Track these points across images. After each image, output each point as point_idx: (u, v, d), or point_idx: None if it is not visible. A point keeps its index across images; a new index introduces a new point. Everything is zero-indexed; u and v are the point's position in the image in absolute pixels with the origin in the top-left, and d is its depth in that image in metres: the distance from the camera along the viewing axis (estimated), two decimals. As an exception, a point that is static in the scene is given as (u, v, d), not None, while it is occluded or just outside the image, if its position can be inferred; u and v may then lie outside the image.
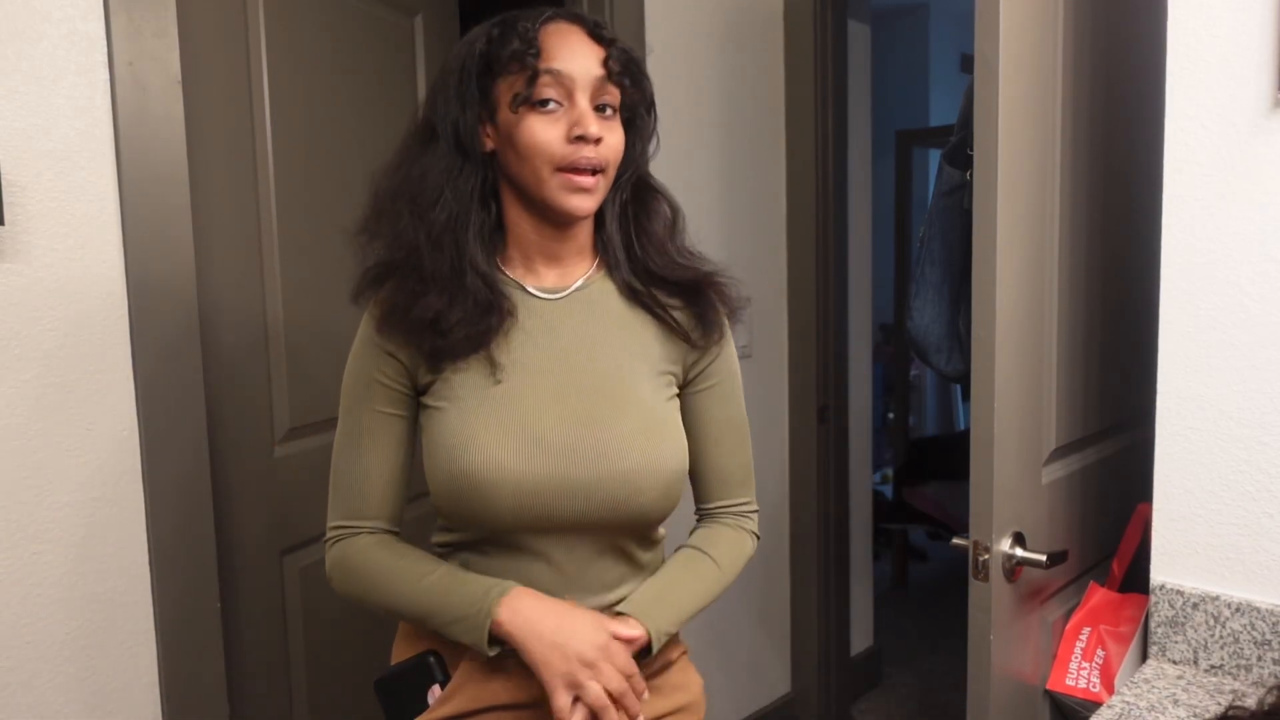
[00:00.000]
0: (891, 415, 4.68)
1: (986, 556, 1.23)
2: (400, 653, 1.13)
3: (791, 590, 2.69)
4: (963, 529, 1.28)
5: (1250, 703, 1.07)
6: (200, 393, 1.39)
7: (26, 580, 1.24)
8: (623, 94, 1.03)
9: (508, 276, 1.08)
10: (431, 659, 1.07)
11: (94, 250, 1.28)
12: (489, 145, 1.04)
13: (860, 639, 2.99)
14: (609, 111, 1.02)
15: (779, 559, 2.65)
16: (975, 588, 1.25)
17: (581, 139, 0.97)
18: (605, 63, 1.01)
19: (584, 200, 1.01)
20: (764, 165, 2.51)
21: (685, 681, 1.16)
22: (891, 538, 4.01)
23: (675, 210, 1.14)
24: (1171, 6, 1.15)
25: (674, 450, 1.08)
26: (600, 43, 1.02)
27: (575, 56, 0.99)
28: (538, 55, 0.98)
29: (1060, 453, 1.39)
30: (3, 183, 1.18)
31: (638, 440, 1.05)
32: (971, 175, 1.22)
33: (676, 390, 1.13)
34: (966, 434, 1.48)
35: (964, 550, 1.26)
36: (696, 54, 2.27)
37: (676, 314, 1.11)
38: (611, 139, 1.01)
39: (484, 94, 1.02)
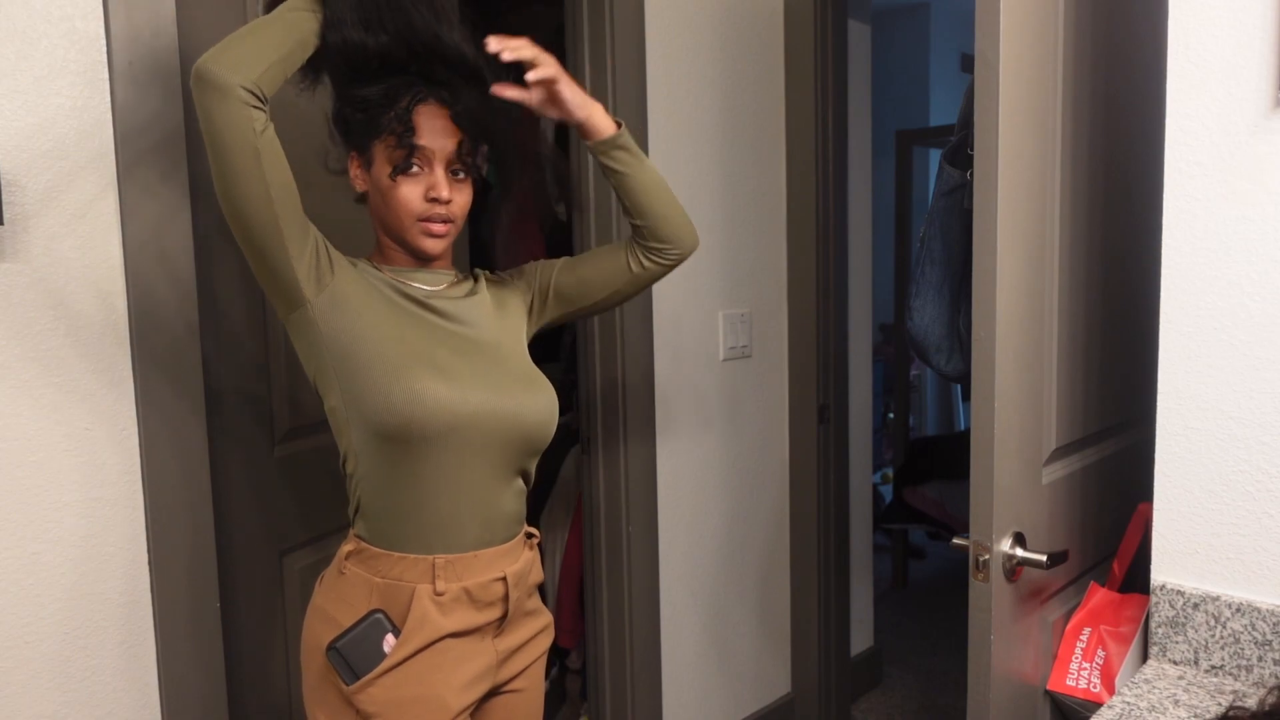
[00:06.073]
0: (891, 415, 4.67)
1: (987, 556, 1.23)
2: (317, 629, 1.24)
3: (791, 590, 2.69)
4: (963, 529, 1.28)
5: (1251, 703, 1.07)
6: (200, 393, 1.39)
7: (26, 580, 1.24)
8: (476, 145, 1.28)
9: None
10: (380, 614, 1.21)
11: (93, 250, 1.28)
12: (360, 187, 1.29)
13: (860, 639, 2.99)
14: (461, 174, 1.27)
15: (779, 559, 2.65)
16: (975, 588, 1.25)
17: (435, 200, 1.24)
18: (459, 143, 1.26)
19: (437, 244, 1.28)
20: (764, 165, 2.51)
21: (543, 608, 1.41)
22: (892, 537, 4.01)
23: None
24: (1172, 7, 1.15)
25: None
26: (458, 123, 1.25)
27: (436, 134, 1.24)
28: (412, 134, 1.22)
29: (1060, 453, 1.39)
30: (2, 183, 1.18)
31: None
32: (971, 175, 1.22)
33: None
34: (966, 434, 1.48)
35: (964, 550, 1.26)
36: (696, 54, 2.27)
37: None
38: (460, 199, 1.27)
39: (363, 141, 1.27)
